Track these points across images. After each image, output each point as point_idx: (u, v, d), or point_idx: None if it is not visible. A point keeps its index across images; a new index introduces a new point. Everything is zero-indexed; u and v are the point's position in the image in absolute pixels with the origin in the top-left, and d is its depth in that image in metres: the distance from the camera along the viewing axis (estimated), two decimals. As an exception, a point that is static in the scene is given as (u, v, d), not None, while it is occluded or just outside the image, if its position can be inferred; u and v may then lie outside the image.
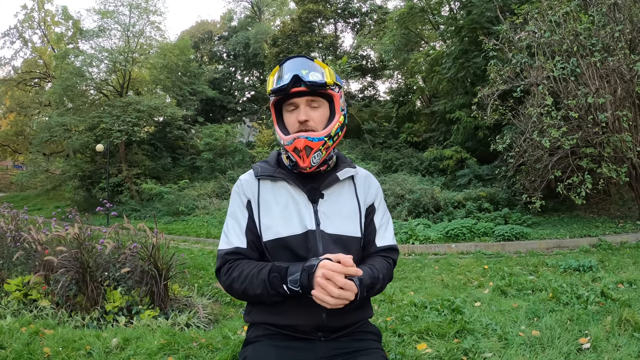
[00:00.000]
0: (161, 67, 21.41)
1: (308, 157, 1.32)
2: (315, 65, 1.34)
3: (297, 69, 1.31)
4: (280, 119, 1.41)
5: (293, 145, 1.32)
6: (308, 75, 1.30)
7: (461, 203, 11.21)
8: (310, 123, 1.34)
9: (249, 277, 1.26)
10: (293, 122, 1.35)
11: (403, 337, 2.99)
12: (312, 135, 1.32)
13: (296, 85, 1.30)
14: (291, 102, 1.35)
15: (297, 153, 1.33)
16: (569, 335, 2.82)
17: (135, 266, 4.11)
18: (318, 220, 1.34)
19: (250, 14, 31.72)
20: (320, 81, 1.31)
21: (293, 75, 1.29)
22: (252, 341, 1.38)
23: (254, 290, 1.25)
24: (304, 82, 1.30)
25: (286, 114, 1.39)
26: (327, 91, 1.35)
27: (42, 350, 2.85)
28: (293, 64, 1.33)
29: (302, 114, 1.33)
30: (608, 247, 7.61)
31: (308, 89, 1.31)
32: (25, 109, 27.82)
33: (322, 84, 1.31)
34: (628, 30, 8.10)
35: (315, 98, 1.35)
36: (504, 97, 9.86)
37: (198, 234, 12.47)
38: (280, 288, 1.21)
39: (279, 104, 1.41)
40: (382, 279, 1.33)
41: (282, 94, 1.34)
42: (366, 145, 17.44)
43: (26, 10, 26.30)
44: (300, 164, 1.34)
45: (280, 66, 1.36)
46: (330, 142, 1.36)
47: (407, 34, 17.43)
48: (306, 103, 1.34)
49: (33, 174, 22.13)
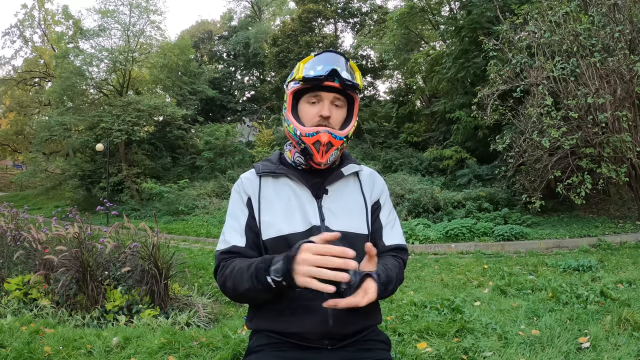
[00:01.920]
0: (161, 67, 21.43)
1: (327, 153, 1.30)
2: (349, 66, 1.33)
3: (335, 64, 1.28)
4: (294, 109, 1.37)
5: (315, 138, 1.29)
6: (343, 73, 1.28)
7: (461, 203, 11.22)
8: (332, 121, 1.31)
9: (238, 273, 1.20)
10: (312, 116, 1.32)
11: (403, 337, 2.99)
12: (335, 133, 1.30)
13: (330, 79, 1.28)
14: (316, 95, 1.32)
15: (316, 146, 1.30)
16: (569, 334, 2.83)
17: (135, 265, 4.11)
18: (323, 216, 1.30)
19: (250, 13, 31.74)
20: (353, 82, 1.30)
21: (332, 68, 1.26)
22: (255, 350, 1.32)
23: (243, 285, 1.17)
24: (340, 77, 1.27)
25: (305, 105, 1.34)
26: (353, 93, 1.34)
27: (43, 349, 2.85)
28: (330, 57, 1.31)
29: (326, 109, 1.30)
30: (607, 247, 7.62)
31: (340, 86, 1.29)
32: (25, 108, 27.84)
33: (355, 84, 1.30)
34: (628, 31, 8.10)
35: (340, 97, 1.33)
36: (504, 97, 9.86)
37: (198, 234, 12.48)
38: (265, 280, 1.10)
39: (296, 94, 1.36)
40: (395, 280, 1.27)
41: (314, 83, 1.29)
42: (366, 145, 17.45)
43: (26, 10, 26.43)
44: (316, 158, 1.31)
45: (316, 56, 1.33)
46: (345, 144, 1.35)
47: (407, 34, 17.44)
48: (331, 100, 1.32)
49: (33, 173, 22.15)
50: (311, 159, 1.32)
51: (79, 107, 21.06)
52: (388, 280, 1.21)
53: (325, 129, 1.29)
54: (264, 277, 1.11)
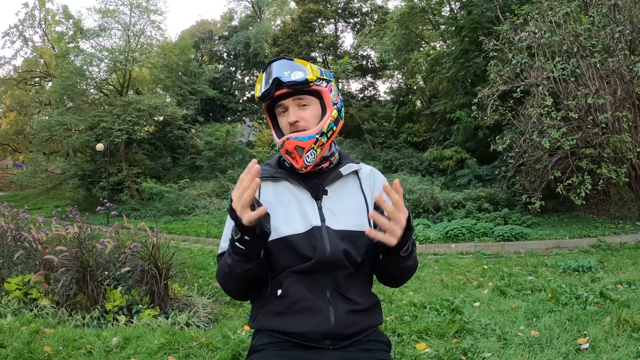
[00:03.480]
0: (161, 67, 21.43)
1: (301, 157, 1.30)
2: (295, 65, 1.33)
3: (279, 72, 1.29)
4: (276, 122, 1.41)
5: (285, 147, 1.31)
6: (290, 76, 1.28)
7: (461, 203, 11.22)
8: (301, 123, 1.32)
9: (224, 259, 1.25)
10: (285, 125, 1.34)
11: (402, 337, 3.00)
12: (300, 135, 1.30)
13: (279, 87, 1.29)
14: (280, 105, 1.34)
15: (289, 155, 1.32)
16: (568, 335, 2.83)
17: (135, 265, 4.12)
18: (323, 216, 1.31)
19: (251, 13, 31.71)
20: (301, 79, 1.29)
21: (273, 79, 1.28)
22: (257, 349, 1.33)
23: (227, 264, 1.22)
24: (284, 83, 1.28)
25: (279, 117, 1.38)
26: (312, 87, 1.33)
27: (43, 349, 2.85)
28: (274, 67, 1.32)
29: (291, 115, 1.32)
30: (607, 248, 7.62)
31: (291, 89, 1.30)
32: (25, 108, 27.86)
33: (303, 81, 1.29)
34: (628, 31, 8.10)
35: (302, 97, 1.33)
36: (504, 97, 9.86)
37: (198, 234, 12.48)
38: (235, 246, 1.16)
39: (272, 109, 1.40)
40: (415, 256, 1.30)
41: (268, 99, 1.33)
42: (366, 145, 17.44)
43: (27, 9, 26.41)
44: (294, 165, 1.33)
45: (264, 72, 1.35)
46: (324, 139, 1.33)
47: (407, 34, 17.44)
48: (294, 103, 1.33)
49: (33, 173, 22.15)
50: (292, 166, 1.35)
51: (79, 107, 21.04)
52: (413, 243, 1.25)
53: (290, 135, 1.31)
54: (235, 245, 1.16)
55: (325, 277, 1.27)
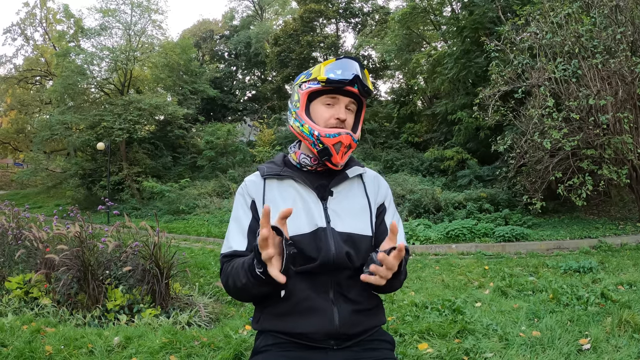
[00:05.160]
0: (162, 66, 21.41)
1: (345, 154, 1.34)
2: (365, 74, 1.36)
3: (358, 71, 1.32)
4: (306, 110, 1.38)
5: (337, 139, 1.31)
6: (365, 80, 1.33)
7: (462, 204, 11.22)
8: (346, 124, 1.35)
9: (236, 270, 1.21)
10: (327, 117, 1.34)
11: (404, 337, 3.00)
12: (354, 136, 1.35)
13: (352, 84, 1.31)
14: (334, 97, 1.35)
15: (337, 148, 1.32)
16: (569, 336, 2.83)
17: (136, 265, 4.12)
18: (328, 217, 1.31)
19: (252, 13, 31.73)
20: (370, 90, 1.35)
21: (355, 75, 1.30)
22: (261, 350, 1.33)
23: (241, 280, 1.18)
24: (361, 84, 1.32)
25: (320, 106, 1.36)
26: (363, 99, 1.39)
27: (44, 348, 2.85)
28: (350, 63, 1.34)
29: (342, 112, 1.34)
30: (608, 249, 7.62)
31: (359, 92, 1.34)
32: (26, 106, 27.87)
33: (370, 91, 1.35)
34: (630, 32, 8.09)
35: (354, 101, 1.38)
36: (506, 98, 9.86)
37: (199, 233, 12.48)
38: (256, 273, 1.10)
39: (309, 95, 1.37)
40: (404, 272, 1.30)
41: (337, 86, 1.32)
42: (367, 145, 17.44)
43: (28, 8, 26.36)
44: (336, 159, 1.33)
45: (338, 59, 1.35)
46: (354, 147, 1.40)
47: (408, 34, 17.42)
48: (348, 104, 1.36)
49: (34, 172, 22.15)
50: (329, 159, 1.34)
51: (80, 105, 21.06)
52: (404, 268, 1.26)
53: (345, 130, 1.33)
54: (254, 270, 1.11)
55: (327, 278, 1.28)
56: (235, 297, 1.31)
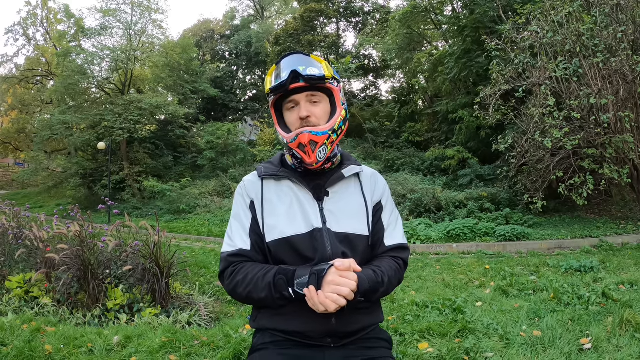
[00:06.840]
0: (163, 66, 21.42)
1: (314, 152, 1.29)
2: (312, 60, 1.32)
3: (295, 65, 1.28)
4: (281, 119, 1.38)
5: (297, 141, 1.29)
6: (306, 70, 1.27)
7: (463, 203, 11.21)
8: (312, 119, 1.31)
9: (254, 281, 1.24)
10: (294, 120, 1.32)
11: (405, 337, 2.99)
12: (315, 130, 1.29)
13: (295, 81, 1.27)
14: (291, 100, 1.33)
15: (302, 149, 1.30)
16: (570, 335, 2.82)
17: (137, 264, 4.12)
18: (324, 218, 1.30)
19: (253, 12, 31.72)
20: (319, 75, 1.28)
21: (291, 71, 1.26)
22: (258, 348, 1.34)
23: (259, 294, 1.23)
24: (302, 76, 1.27)
25: (287, 112, 1.36)
26: (327, 85, 1.32)
27: (44, 347, 2.85)
28: (290, 60, 1.31)
29: (303, 110, 1.30)
30: (609, 248, 7.61)
31: (307, 84, 1.28)
32: (27, 106, 27.89)
33: (321, 77, 1.29)
34: (631, 31, 8.07)
35: (315, 93, 1.32)
36: (507, 97, 9.83)
37: (199, 233, 12.49)
38: (286, 291, 1.19)
39: (279, 104, 1.38)
40: (389, 282, 1.29)
41: (281, 91, 1.31)
42: (368, 144, 17.43)
43: (30, 8, 26.36)
44: (306, 160, 1.30)
45: (277, 64, 1.33)
46: (334, 136, 1.33)
47: (409, 34, 17.39)
48: (306, 99, 1.32)
49: (34, 172, 22.20)
50: (303, 162, 1.33)
51: (80, 105, 21.07)
52: (374, 287, 1.25)
53: (304, 129, 1.29)
54: (285, 288, 1.19)
55: None
56: (241, 301, 1.32)
